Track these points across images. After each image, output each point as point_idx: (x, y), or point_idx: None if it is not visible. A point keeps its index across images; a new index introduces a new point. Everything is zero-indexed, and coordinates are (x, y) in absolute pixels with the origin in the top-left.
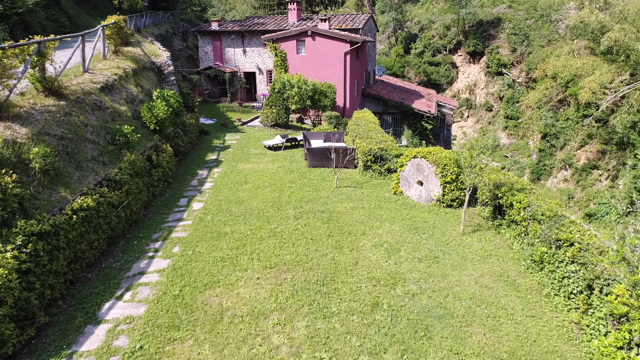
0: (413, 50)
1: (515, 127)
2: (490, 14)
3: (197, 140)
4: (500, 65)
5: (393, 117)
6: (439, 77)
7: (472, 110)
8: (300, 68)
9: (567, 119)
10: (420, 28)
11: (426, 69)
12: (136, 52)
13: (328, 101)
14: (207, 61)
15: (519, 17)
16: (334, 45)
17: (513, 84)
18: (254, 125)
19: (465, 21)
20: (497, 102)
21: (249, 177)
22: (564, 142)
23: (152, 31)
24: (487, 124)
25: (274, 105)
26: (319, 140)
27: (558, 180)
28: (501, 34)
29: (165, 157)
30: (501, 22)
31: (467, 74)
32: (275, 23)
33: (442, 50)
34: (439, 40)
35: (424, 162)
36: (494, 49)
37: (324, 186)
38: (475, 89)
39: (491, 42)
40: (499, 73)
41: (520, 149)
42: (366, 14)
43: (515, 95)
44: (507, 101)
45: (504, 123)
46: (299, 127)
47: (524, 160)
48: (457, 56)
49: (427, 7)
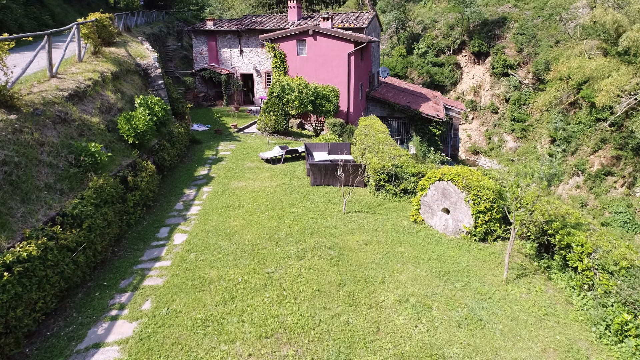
0: (416, 51)
1: (522, 130)
2: (495, 13)
3: (187, 151)
4: (506, 66)
5: (399, 122)
6: (442, 78)
7: (477, 112)
8: (300, 70)
9: (579, 123)
10: (423, 28)
11: (429, 69)
12: (120, 53)
13: (331, 106)
14: (202, 62)
15: (525, 16)
16: (337, 45)
17: (519, 86)
18: (251, 132)
19: (470, 20)
20: (502, 104)
21: (242, 199)
22: (575, 146)
23: (144, 30)
24: (493, 126)
25: (272, 111)
26: (322, 152)
27: (570, 186)
28: (507, 33)
29: (145, 176)
30: (507, 22)
31: (472, 75)
32: (274, 22)
33: (445, 51)
34: (443, 40)
35: (451, 187)
36: (500, 49)
37: (331, 211)
38: (480, 91)
39: (496, 42)
40: (505, 74)
41: (527, 152)
42: (370, 13)
43: (522, 97)
44: (514, 103)
45: (511, 126)
46: (300, 133)
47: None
48: (462, 56)
49: (430, 5)
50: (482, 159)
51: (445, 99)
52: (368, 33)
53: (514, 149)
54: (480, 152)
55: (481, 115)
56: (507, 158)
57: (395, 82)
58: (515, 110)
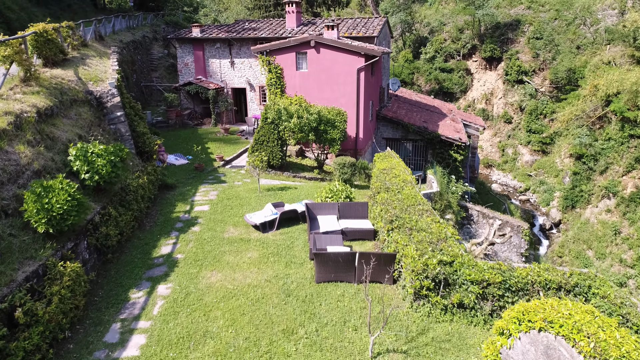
0: (423, 55)
1: (540, 143)
2: (508, 15)
3: (153, 206)
4: (520, 72)
5: (414, 145)
6: (451, 84)
7: (489, 121)
8: (300, 88)
9: (609, 139)
10: (430, 30)
11: (438, 75)
12: (66, 76)
13: (337, 133)
14: (188, 74)
15: (541, 19)
16: (345, 59)
17: (536, 94)
18: (240, 165)
19: (482, 23)
20: (517, 114)
21: (212, 318)
22: (605, 165)
23: (123, 38)
24: (507, 137)
25: (265, 141)
26: (329, 216)
27: (599, 210)
28: (520, 37)
29: (59, 290)
30: (520, 25)
31: (483, 82)
32: (270, 29)
33: (455, 56)
34: (452, 45)
35: (563, 347)
36: (513, 55)
37: (350, 349)
38: (493, 99)
39: (510, 47)
40: (519, 81)
41: (545, 167)
42: (381, 19)
43: (539, 106)
44: (530, 113)
45: (527, 138)
46: (300, 165)
47: (551, 181)
48: (472, 62)
49: (437, 7)
50: (495, 173)
51: (461, 112)
52: (379, 42)
53: (530, 163)
54: (494, 165)
55: (494, 125)
56: (524, 173)
57: (405, 94)
58: (531, 121)
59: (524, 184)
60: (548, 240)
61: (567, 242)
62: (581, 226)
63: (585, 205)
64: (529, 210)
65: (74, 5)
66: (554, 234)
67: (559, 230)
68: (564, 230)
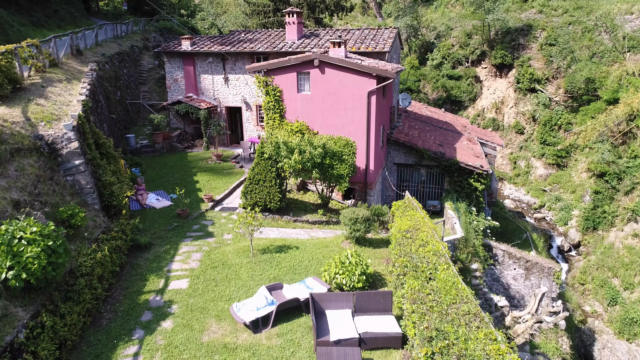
0: (430, 62)
1: (555, 155)
2: (519, 20)
3: (116, 282)
4: (532, 80)
5: (429, 171)
6: (460, 92)
7: (500, 131)
8: (302, 112)
9: (635, 157)
10: (437, 35)
11: (445, 83)
12: (10, 117)
13: (345, 168)
14: (177, 91)
15: (554, 24)
16: (354, 81)
17: (549, 103)
18: (231, 208)
19: (491, 28)
20: (529, 124)
21: None
22: (631, 185)
23: (106, 51)
24: (519, 149)
25: (262, 181)
26: (341, 310)
27: (625, 234)
28: (532, 43)
29: None
30: (532, 30)
31: (493, 90)
32: (268, 41)
33: (463, 62)
34: (460, 50)
35: None
36: (525, 61)
37: None
38: (503, 107)
39: (521, 53)
40: (532, 90)
41: (561, 182)
42: (391, 30)
43: (554, 117)
44: (544, 124)
45: (540, 150)
46: (302, 203)
47: (568, 197)
48: (481, 69)
49: (443, 10)
50: (507, 187)
51: (475, 128)
52: (390, 58)
53: (544, 177)
54: (505, 178)
55: (504, 136)
56: (538, 187)
57: (415, 108)
58: (545, 133)
59: (538, 200)
60: (567, 264)
61: (589, 268)
62: (605, 251)
63: (609, 227)
64: (545, 229)
65: (62, 11)
66: (573, 256)
67: (578, 252)
68: (584, 254)
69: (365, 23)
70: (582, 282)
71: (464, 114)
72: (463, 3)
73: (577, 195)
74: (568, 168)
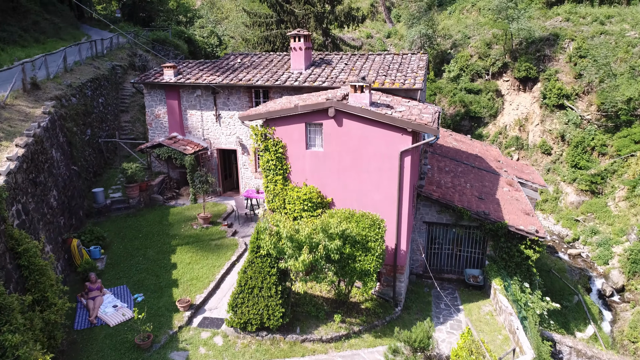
0: (446, 74)
1: (588, 181)
2: (544, 28)
3: None
4: (561, 96)
5: (468, 232)
6: (479, 107)
7: (524, 151)
8: (312, 174)
9: None
10: (453, 44)
11: (463, 97)
12: None
13: (371, 261)
14: (159, 129)
15: (583, 33)
16: (381, 136)
17: (580, 122)
18: (216, 320)
19: (514, 37)
20: (557, 143)
21: None
22: None
23: (76, 78)
24: (545, 171)
25: (257, 289)
26: None
27: None
28: (559, 54)
29: None
30: (559, 40)
31: (516, 105)
32: (270, 70)
33: (482, 74)
34: (479, 62)
35: None
36: (552, 75)
37: None
38: (527, 125)
39: (547, 65)
40: (560, 106)
41: (596, 211)
42: (420, 56)
43: (586, 137)
44: (576, 146)
45: (572, 174)
46: (309, 301)
47: (605, 229)
48: (503, 82)
49: (457, 16)
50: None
51: (509, 161)
52: (421, 95)
53: (576, 205)
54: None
55: (529, 156)
56: (569, 217)
57: (441, 141)
58: (577, 156)
59: (571, 232)
60: (610, 312)
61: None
62: None
63: None
64: (583, 269)
65: (43, 22)
66: (618, 303)
67: (622, 298)
68: (632, 303)
69: (375, 29)
70: (632, 339)
71: (483, 132)
72: (480, 9)
73: (616, 228)
74: (603, 196)
